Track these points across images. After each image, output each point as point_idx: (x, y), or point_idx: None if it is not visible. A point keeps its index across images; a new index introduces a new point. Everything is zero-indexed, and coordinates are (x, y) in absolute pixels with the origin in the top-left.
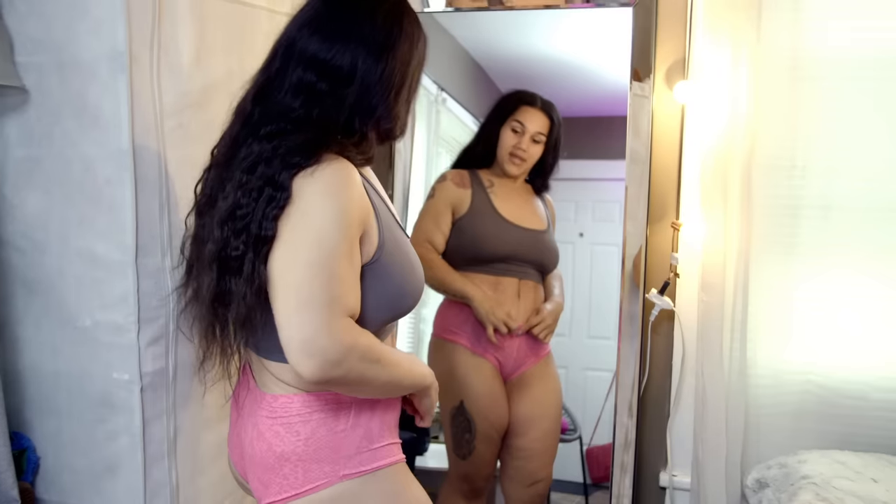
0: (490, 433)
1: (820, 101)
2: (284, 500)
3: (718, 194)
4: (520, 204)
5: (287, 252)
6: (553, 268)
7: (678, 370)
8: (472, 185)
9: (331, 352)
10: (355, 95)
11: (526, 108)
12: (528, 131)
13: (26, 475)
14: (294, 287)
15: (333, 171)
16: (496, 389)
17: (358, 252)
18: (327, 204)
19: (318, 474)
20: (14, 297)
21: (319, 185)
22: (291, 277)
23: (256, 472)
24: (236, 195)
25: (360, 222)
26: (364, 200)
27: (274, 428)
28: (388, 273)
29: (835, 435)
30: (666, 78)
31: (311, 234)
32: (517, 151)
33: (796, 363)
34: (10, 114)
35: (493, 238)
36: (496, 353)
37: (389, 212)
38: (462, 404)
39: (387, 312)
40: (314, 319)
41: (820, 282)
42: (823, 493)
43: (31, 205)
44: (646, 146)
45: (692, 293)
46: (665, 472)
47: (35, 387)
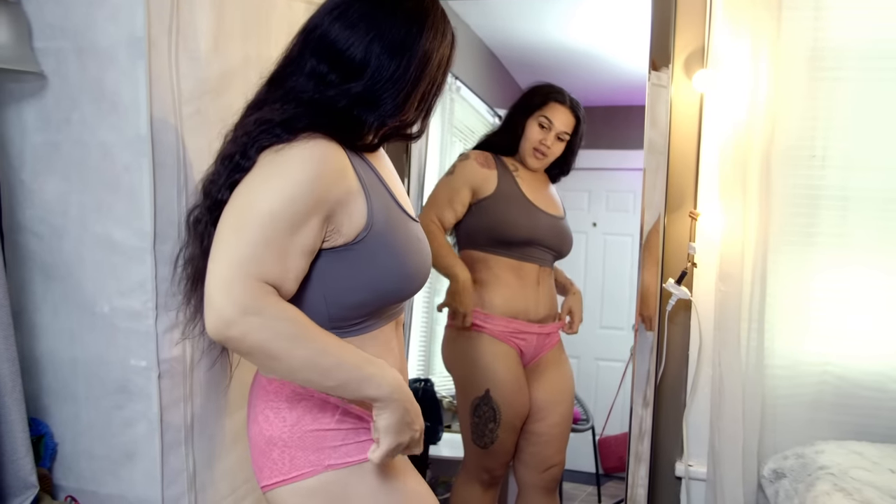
0: (514, 421)
1: (840, 92)
2: (273, 485)
3: (737, 184)
4: (541, 189)
5: (228, 212)
6: (568, 254)
7: (695, 360)
8: (498, 167)
9: (226, 311)
10: (362, 88)
11: (555, 105)
12: (555, 128)
13: (44, 461)
14: (218, 242)
15: (304, 150)
16: (521, 377)
17: (313, 231)
18: (284, 176)
19: (303, 462)
20: (32, 283)
21: (284, 159)
22: (220, 233)
23: (254, 456)
24: (215, 165)
25: (327, 202)
26: (341, 181)
27: (265, 412)
28: (377, 255)
29: (852, 426)
30: (685, 67)
31: (249, 197)
32: (541, 147)
33: (814, 353)
34: (28, 99)
35: (522, 222)
36: (519, 340)
37: (389, 195)
38: (488, 393)
39: (378, 294)
40: (220, 275)
41: (838, 272)
42: (841, 483)
43: (50, 190)
44: (664, 135)
45: (709, 283)
46: (681, 461)
47: (52, 373)
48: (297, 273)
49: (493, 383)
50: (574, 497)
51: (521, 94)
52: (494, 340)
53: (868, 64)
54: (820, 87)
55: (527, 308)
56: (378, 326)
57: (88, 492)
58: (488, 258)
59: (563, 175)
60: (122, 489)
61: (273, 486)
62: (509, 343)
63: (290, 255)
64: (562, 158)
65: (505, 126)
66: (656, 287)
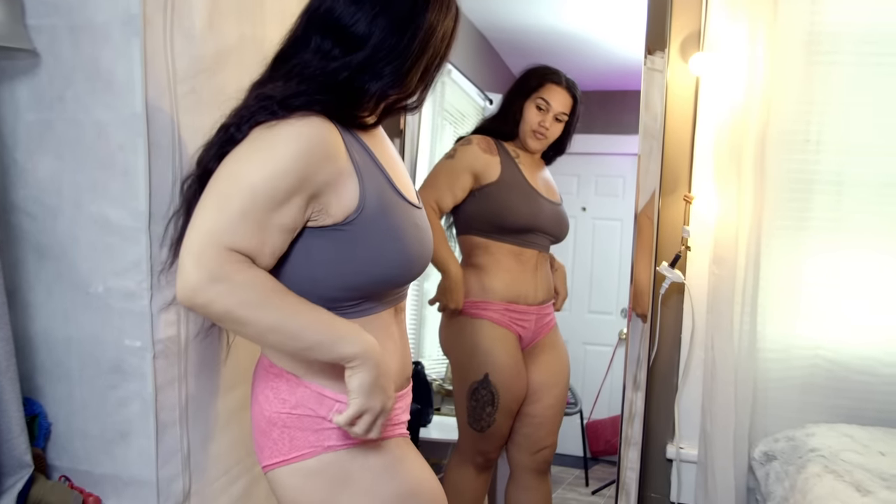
0: (511, 405)
1: (836, 76)
2: (273, 465)
3: (732, 168)
4: (540, 174)
5: (211, 183)
6: (563, 239)
7: (687, 343)
8: (500, 153)
9: (192, 278)
10: (363, 59)
11: (552, 87)
12: (553, 110)
13: (38, 441)
14: (197, 211)
15: (294, 127)
16: (520, 361)
17: (294, 209)
18: (261, 153)
19: (303, 443)
20: (26, 262)
21: (273, 135)
22: (200, 203)
23: (255, 436)
24: (213, 135)
25: (313, 182)
26: (330, 161)
27: (265, 392)
28: (369, 237)
29: (842, 409)
30: (681, 50)
31: (232, 168)
32: (540, 129)
33: (806, 337)
34: (21, 77)
35: (524, 208)
36: (518, 326)
37: (384, 177)
38: (487, 377)
39: (372, 277)
40: (192, 243)
41: (832, 257)
42: (832, 465)
43: (43, 169)
44: (659, 119)
45: (703, 266)
46: (672, 444)
47: (46, 353)
48: (274, 249)
49: (492, 367)
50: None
51: (518, 77)
52: (494, 325)
53: (864, 48)
54: (816, 71)
55: (526, 293)
56: (375, 311)
57: (82, 471)
58: (489, 244)
59: (559, 155)
60: (116, 469)
61: (273, 466)
62: (509, 328)
63: (268, 231)
64: (558, 139)
65: (502, 110)
66: (649, 270)
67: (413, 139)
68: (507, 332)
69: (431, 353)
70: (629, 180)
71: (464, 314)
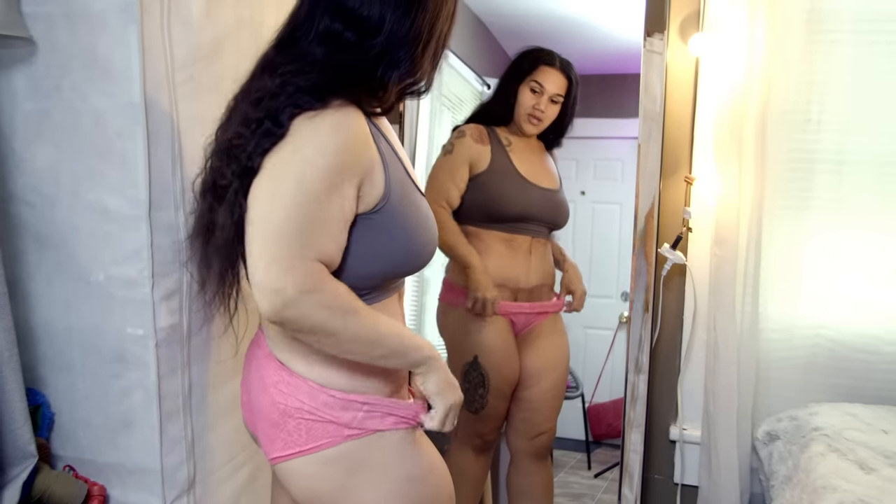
0: (502, 387)
1: (836, 55)
2: (289, 456)
3: (733, 148)
4: (535, 162)
5: (266, 186)
6: (564, 225)
7: (689, 325)
8: (491, 142)
9: (289, 291)
10: (381, 47)
11: (545, 68)
12: (547, 92)
13: (41, 431)
14: (263, 220)
15: (335, 118)
16: (509, 344)
17: (349, 201)
18: (318, 147)
19: (321, 433)
20: (25, 252)
21: (316, 128)
22: (263, 210)
23: (263, 427)
24: (237, 127)
25: (357, 171)
26: (367, 150)
27: (278, 385)
28: (391, 226)
29: (845, 388)
30: (680, 31)
31: (294, 172)
32: (535, 112)
33: (807, 317)
34: (17, 66)
35: (513, 198)
36: (509, 313)
37: (402, 166)
38: (476, 359)
39: (389, 266)
40: (275, 256)
41: (833, 236)
42: (835, 444)
43: (41, 158)
44: (658, 101)
45: (704, 248)
46: (675, 425)
47: (48, 343)
48: (341, 245)
49: (480, 350)
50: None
51: (512, 60)
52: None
53: (864, 27)
54: (816, 50)
55: (517, 276)
56: (383, 298)
57: (87, 461)
58: (480, 232)
59: (559, 138)
60: (120, 458)
61: (287, 457)
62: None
63: (336, 228)
64: (556, 122)
65: (497, 94)
66: (651, 252)
67: (412, 125)
68: (496, 315)
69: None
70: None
71: (449, 302)
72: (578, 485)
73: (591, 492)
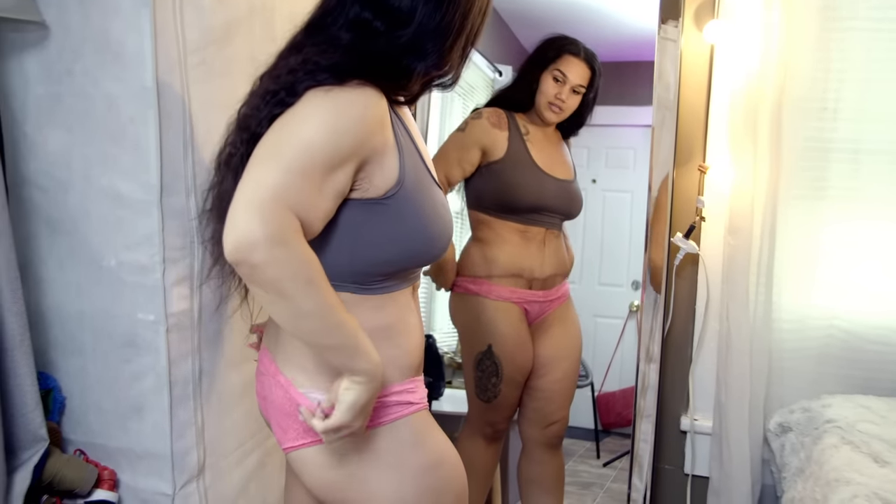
0: (515, 376)
1: (852, 43)
2: (301, 445)
3: (747, 137)
4: (552, 153)
5: (267, 140)
6: (577, 216)
7: (702, 314)
8: (510, 129)
9: (254, 233)
10: (409, 38)
11: (569, 58)
12: (570, 82)
13: (53, 415)
14: (251, 164)
15: (352, 94)
16: (523, 332)
17: (344, 176)
18: (323, 111)
19: None
20: (38, 236)
21: (330, 99)
22: (259, 156)
23: (276, 417)
24: (255, 100)
25: (361, 149)
26: (382, 131)
27: (296, 377)
28: (405, 213)
29: (858, 380)
30: (695, 18)
31: (291, 126)
32: (556, 101)
33: (821, 308)
34: (30, 50)
35: (530, 189)
36: (524, 301)
37: (420, 157)
38: (490, 348)
39: (402, 255)
40: (251, 195)
41: (848, 226)
42: (848, 436)
43: (53, 143)
44: (673, 89)
45: (718, 237)
46: (686, 416)
47: (60, 327)
48: (325, 214)
49: (494, 338)
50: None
51: (535, 46)
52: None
53: (881, 14)
54: (832, 37)
55: (532, 267)
56: (399, 289)
57: (97, 445)
58: (493, 221)
59: (578, 129)
60: (130, 443)
61: (300, 446)
62: (509, 300)
63: (323, 193)
64: (576, 113)
65: (519, 80)
66: (664, 241)
67: (423, 111)
68: (510, 304)
69: (442, 327)
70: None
71: (468, 289)
72: (587, 473)
73: (599, 481)
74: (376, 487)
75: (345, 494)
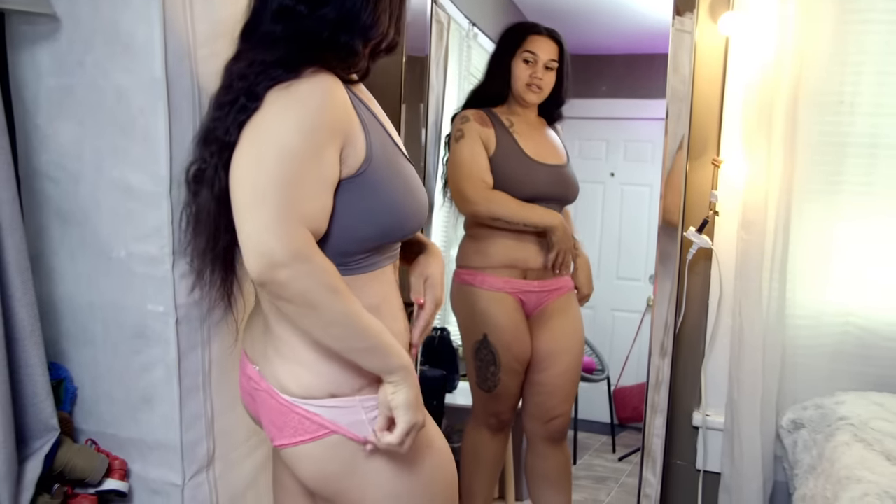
0: (513, 365)
1: (870, 35)
2: (299, 442)
3: (762, 130)
4: (539, 140)
5: (247, 152)
6: (574, 199)
7: (714, 309)
8: (494, 125)
9: (278, 253)
10: (335, 13)
11: (534, 37)
12: (541, 59)
13: (64, 405)
14: (249, 184)
15: (310, 83)
16: (518, 322)
17: (331, 163)
18: (292, 112)
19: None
20: (49, 228)
21: (292, 94)
22: (247, 175)
23: (270, 415)
24: (213, 113)
25: (338, 134)
26: (346, 113)
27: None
28: (377, 188)
29: (872, 377)
30: (710, 10)
31: (272, 137)
32: (534, 80)
33: (836, 304)
34: (41, 42)
35: (523, 179)
36: (517, 288)
37: (384, 131)
38: (485, 337)
39: (378, 229)
40: (265, 216)
41: (863, 222)
42: (861, 434)
43: (65, 134)
44: (687, 82)
45: (731, 231)
46: (698, 411)
47: (71, 318)
48: (327, 208)
49: (489, 328)
50: (589, 446)
51: (497, 40)
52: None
53: None
54: (849, 29)
55: (526, 257)
56: (381, 266)
57: (108, 435)
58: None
59: (559, 107)
60: (141, 433)
61: (298, 443)
62: (502, 290)
63: (321, 191)
64: (554, 91)
65: (489, 75)
66: (677, 236)
67: (438, 102)
68: (505, 294)
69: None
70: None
71: (465, 279)
72: (602, 468)
73: (614, 475)
74: (373, 473)
75: (340, 485)
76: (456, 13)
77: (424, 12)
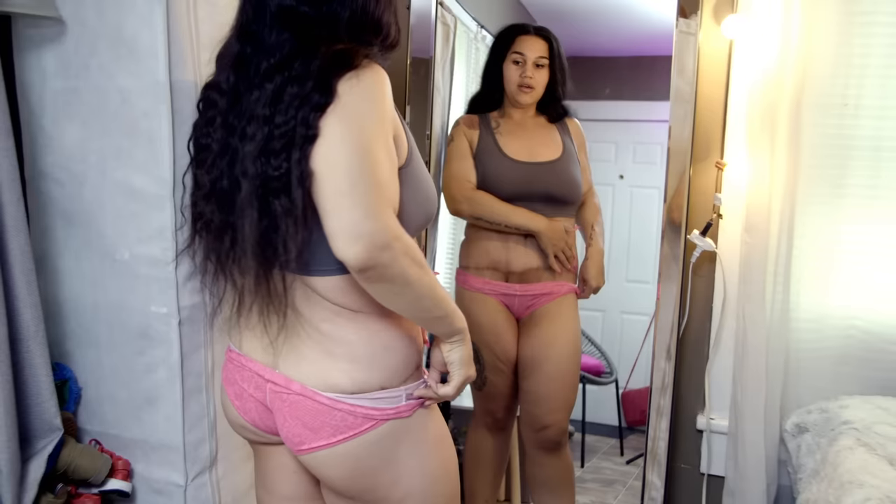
0: (497, 365)
1: (874, 37)
2: (337, 442)
3: (765, 132)
4: (527, 138)
5: (332, 143)
6: (571, 197)
7: (718, 313)
8: (480, 127)
9: (378, 235)
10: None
11: (521, 38)
12: (529, 58)
13: (69, 405)
14: (342, 172)
15: (374, 72)
16: (500, 321)
17: (395, 151)
18: (368, 100)
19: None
20: (54, 229)
21: (362, 84)
22: (338, 163)
23: (303, 418)
24: (269, 124)
25: (394, 124)
26: (393, 104)
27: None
28: (416, 177)
29: (876, 381)
30: (714, 13)
31: (355, 124)
32: (524, 80)
33: (840, 307)
34: (47, 45)
35: (497, 177)
36: (498, 291)
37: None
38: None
39: (423, 217)
40: (364, 202)
41: (868, 225)
42: (864, 438)
43: (70, 136)
44: (691, 84)
45: (735, 234)
46: (702, 415)
47: (75, 319)
48: (398, 190)
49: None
50: (597, 449)
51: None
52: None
53: None
54: (853, 32)
55: (507, 259)
56: None
57: (112, 435)
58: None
59: (557, 103)
60: (144, 433)
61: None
62: (482, 290)
63: (394, 177)
64: (550, 88)
65: (484, 82)
66: (680, 238)
67: (444, 104)
68: (486, 296)
69: None
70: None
71: (455, 279)
72: (611, 471)
73: (622, 478)
74: (406, 463)
75: (375, 480)
76: (464, 15)
77: (429, 14)
